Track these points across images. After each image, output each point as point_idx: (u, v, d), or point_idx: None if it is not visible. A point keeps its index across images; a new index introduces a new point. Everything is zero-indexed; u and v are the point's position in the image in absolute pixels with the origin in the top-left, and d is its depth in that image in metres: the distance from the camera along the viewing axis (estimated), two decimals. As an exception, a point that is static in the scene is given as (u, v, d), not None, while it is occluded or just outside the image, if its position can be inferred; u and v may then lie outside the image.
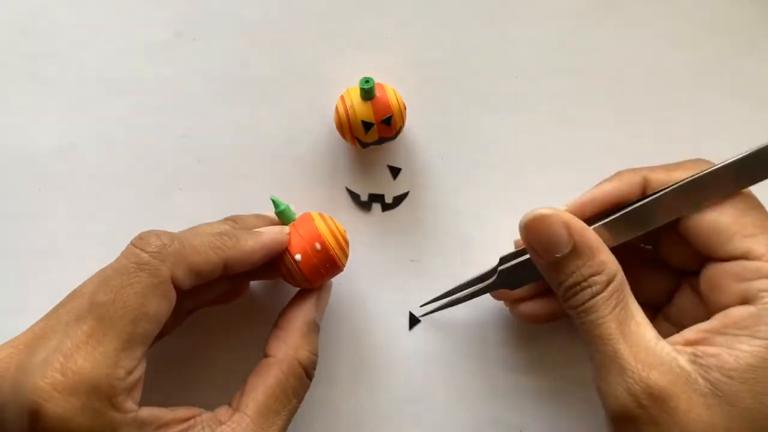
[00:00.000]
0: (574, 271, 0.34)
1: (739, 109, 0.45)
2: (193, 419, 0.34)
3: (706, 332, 0.32)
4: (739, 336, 0.31)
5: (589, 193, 0.38)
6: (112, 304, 0.32)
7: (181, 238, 0.35)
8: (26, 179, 0.44)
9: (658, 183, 0.37)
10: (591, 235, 0.35)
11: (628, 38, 0.45)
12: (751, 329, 0.31)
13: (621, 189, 0.37)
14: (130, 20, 0.45)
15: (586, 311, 0.34)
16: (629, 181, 0.37)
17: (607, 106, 0.45)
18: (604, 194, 0.37)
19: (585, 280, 0.34)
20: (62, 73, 0.45)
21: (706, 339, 0.32)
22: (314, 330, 0.39)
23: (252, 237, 0.37)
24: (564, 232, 0.34)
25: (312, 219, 0.39)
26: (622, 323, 0.33)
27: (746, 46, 0.45)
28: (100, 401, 0.31)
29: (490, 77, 0.45)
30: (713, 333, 0.32)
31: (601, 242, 0.35)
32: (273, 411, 0.35)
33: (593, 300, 0.34)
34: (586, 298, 0.34)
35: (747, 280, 0.32)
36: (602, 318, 0.33)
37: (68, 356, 0.31)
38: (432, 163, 0.45)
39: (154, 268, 0.33)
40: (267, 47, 0.45)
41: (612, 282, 0.34)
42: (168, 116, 0.45)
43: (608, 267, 0.34)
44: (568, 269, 0.34)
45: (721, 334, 0.32)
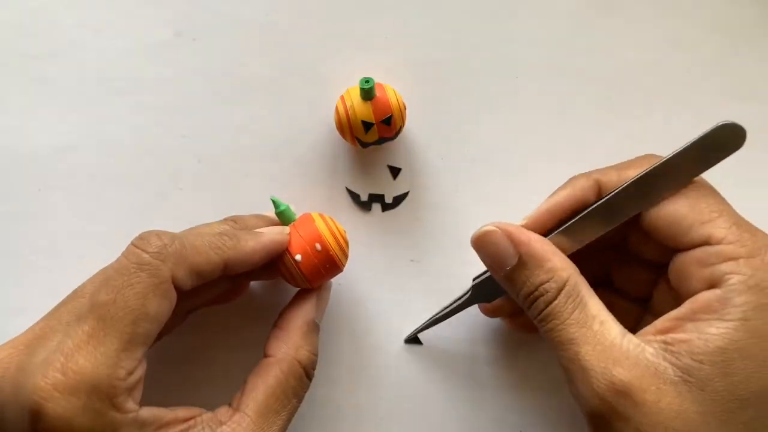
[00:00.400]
0: (525, 281, 0.35)
1: (739, 109, 0.45)
2: (194, 419, 0.34)
3: (676, 320, 0.33)
4: (708, 320, 0.31)
5: (545, 204, 0.38)
6: (113, 304, 0.32)
7: (182, 238, 0.35)
8: (26, 179, 0.44)
9: (611, 184, 0.37)
10: (536, 244, 0.35)
11: (627, 38, 0.45)
12: (719, 312, 0.31)
13: (575, 195, 0.37)
14: (130, 20, 0.45)
15: (545, 319, 0.34)
16: (582, 186, 0.37)
17: (606, 106, 0.45)
18: (559, 203, 0.37)
19: (536, 288, 0.35)
20: (62, 73, 0.45)
21: (677, 326, 0.32)
22: (314, 330, 0.39)
23: (252, 237, 0.37)
24: (508, 245, 0.35)
25: (312, 219, 0.39)
26: (583, 325, 0.33)
27: (746, 46, 0.45)
28: (100, 401, 0.31)
29: (490, 77, 0.45)
30: (683, 320, 0.32)
31: (550, 250, 0.35)
32: (273, 411, 0.35)
33: (549, 308, 0.34)
34: (542, 307, 0.34)
35: (711, 264, 0.33)
36: (561, 324, 0.33)
37: (69, 356, 0.31)
38: (432, 163, 0.45)
39: (154, 268, 0.33)
40: (267, 47, 0.45)
41: (564, 288, 0.34)
42: (168, 116, 0.45)
43: (557, 274, 0.34)
44: (519, 280, 0.35)
45: (690, 320, 0.32)
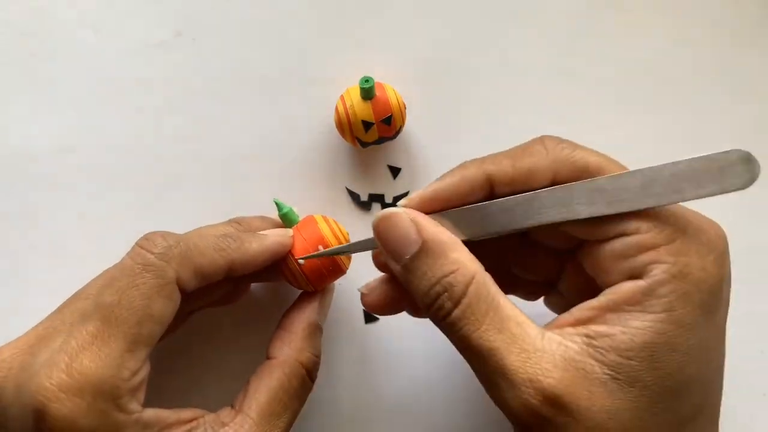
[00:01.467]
0: (426, 272, 0.31)
1: (739, 109, 0.45)
2: (196, 420, 0.34)
3: (596, 309, 0.30)
4: (631, 312, 0.29)
5: (431, 189, 0.34)
6: (118, 305, 0.32)
7: (187, 239, 0.35)
8: (26, 179, 0.44)
9: (505, 178, 0.33)
10: (442, 232, 0.32)
11: (628, 38, 0.45)
12: (642, 304, 0.29)
13: (462, 187, 0.33)
14: (130, 20, 0.45)
15: (455, 322, 0.31)
16: (472, 178, 0.33)
17: (607, 106, 0.45)
18: (447, 191, 0.33)
19: (438, 281, 0.31)
20: (62, 73, 0.45)
21: (597, 317, 0.30)
22: (317, 332, 0.39)
23: (256, 240, 0.37)
24: (412, 229, 0.32)
25: (315, 222, 0.39)
26: (501, 330, 0.30)
27: (746, 46, 0.45)
28: (105, 402, 0.31)
29: (490, 77, 0.45)
30: (604, 310, 0.30)
31: (456, 241, 0.32)
32: (275, 413, 0.35)
33: (458, 310, 0.31)
34: (449, 307, 0.31)
35: (630, 256, 0.30)
36: (476, 330, 0.30)
37: (73, 357, 0.31)
38: (432, 163, 0.45)
39: (159, 269, 0.33)
40: (267, 47, 0.45)
41: (471, 284, 0.31)
42: (168, 116, 0.45)
43: (464, 266, 0.31)
44: (420, 270, 0.32)
45: (612, 311, 0.30)
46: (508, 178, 0.33)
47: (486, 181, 0.33)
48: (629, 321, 0.29)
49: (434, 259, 0.31)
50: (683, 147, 0.45)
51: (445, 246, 0.32)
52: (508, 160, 0.33)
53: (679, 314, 0.29)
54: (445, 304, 0.31)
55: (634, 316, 0.29)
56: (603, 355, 0.29)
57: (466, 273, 0.31)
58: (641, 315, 0.29)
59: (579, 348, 0.30)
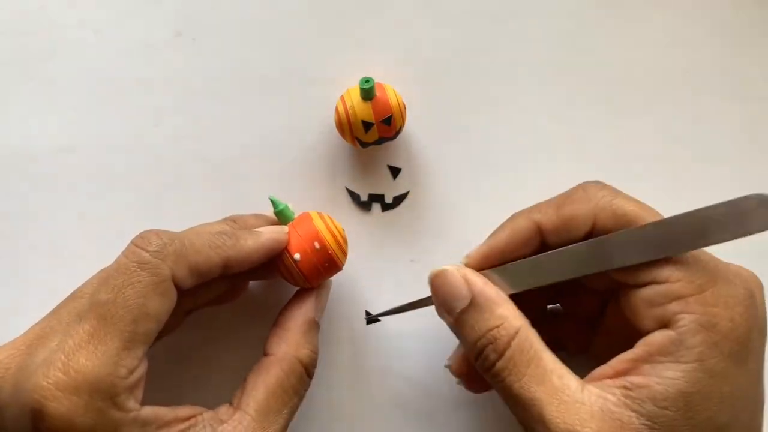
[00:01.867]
0: (473, 326, 0.34)
1: (739, 109, 0.45)
2: (195, 418, 0.34)
3: (632, 361, 0.32)
4: (665, 363, 0.31)
5: (486, 246, 0.37)
6: (113, 304, 0.32)
7: (182, 237, 0.35)
8: (26, 179, 0.44)
9: (550, 224, 0.35)
10: (490, 288, 0.34)
11: (628, 38, 0.45)
12: (674, 355, 0.30)
13: (514, 240, 0.36)
14: (130, 20, 0.45)
15: (498, 374, 0.33)
16: (521, 230, 0.36)
17: (607, 106, 0.45)
18: (498, 246, 0.36)
19: (484, 335, 0.33)
20: (62, 73, 0.45)
21: (634, 368, 0.31)
22: (314, 328, 0.39)
23: (251, 237, 0.37)
24: (463, 285, 0.34)
25: (310, 218, 0.39)
26: (542, 382, 0.32)
27: (746, 46, 0.45)
28: (102, 400, 0.31)
29: (490, 77, 0.45)
30: (640, 362, 0.31)
31: (503, 297, 0.34)
32: (274, 410, 0.35)
33: (502, 361, 0.32)
34: (493, 358, 0.33)
35: (660, 304, 0.32)
36: (518, 381, 0.32)
37: (70, 355, 0.31)
38: (432, 163, 0.45)
39: (155, 267, 0.33)
40: (267, 47, 0.45)
41: (515, 338, 0.33)
42: (168, 116, 0.45)
43: (508, 321, 0.33)
44: (468, 323, 0.34)
45: (647, 362, 0.31)
46: (554, 227, 0.35)
47: (535, 231, 0.36)
48: (663, 371, 0.30)
49: (481, 314, 0.34)
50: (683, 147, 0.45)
51: (492, 302, 0.34)
52: (552, 209, 0.35)
53: (709, 364, 0.30)
54: (490, 355, 0.33)
55: (667, 367, 0.30)
56: (640, 406, 0.30)
57: (510, 327, 0.33)
58: (674, 365, 0.30)
59: (617, 399, 0.31)
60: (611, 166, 0.45)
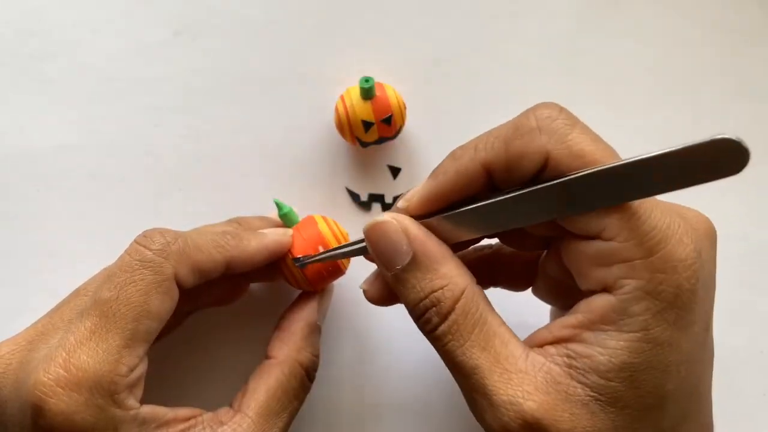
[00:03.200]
0: (415, 286, 0.31)
1: (739, 109, 0.45)
2: (194, 419, 0.34)
3: (574, 327, 0.30)
4: (607, 331, 0.29)
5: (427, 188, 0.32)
6: (116, 301, 0.32)
7: (185, 236, 0.35)
8: (26, 179, 0.44)
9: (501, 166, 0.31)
10: (433, 243, 0.31)
11: (628, 38, 0.45)
12: (617, 324, 0.29)
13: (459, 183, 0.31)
14: (130, 20, 0.45)
15: (440, 338, 0.31)
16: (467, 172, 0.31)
17: (607, 106, 0.45)
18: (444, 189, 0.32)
19: (426, 296, 0.31)
20: (62, 73, 0.45)
21: (575, 335, 0.30)
22: (316, 332, 0.39)
23: (255, 238, 0.37)
24: (403, 240, 0.31)
25: (315, 222, 0.39)
26: (485, 347, 0.30)
27: (747, 46, 0.45)
28: (102, 397, 0.31)
29: (490, 77, 0.45)
30: (582, 329, 0.30)
31: (447, 253, 0.31)
32: (274, 412, 0.35)
33: (445, 325, 0.30)
34: (436, 322, 0.31)
35: (604, 265, 0.29)
36: (461, 346, 0.30)
37: (71, 352, 0.31)
38: (432, 163, 0.44)
39: (157, 265, 0.33)
40: (267, 47, 0.45)
41: (460, 299, 0.30)
42: (168, 116, 0.45)
43: (453, 281, 0.31)
44: (409, 283, 0.31)
45: (589, 329, 0.29)
46: (502, 165, 0.31)
47: (482, 171, 0.31)
48: (606, 341, 0.29)
49: (423, 273, 0.31)
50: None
51: (436, 259, 0.31)
52: (500, 144, 0.31)
53: (654, 333, 0.28)
54: (432, 318, 0.31)
55: (610, 336, 0.29)
56: (584, 377, 0.29)
57: (454, 288, 0.31)
58: (617, 335, 0.29)
59: (560, 370, 0.29)
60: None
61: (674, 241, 0.29)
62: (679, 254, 0.28)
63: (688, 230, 0.29)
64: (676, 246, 0.29)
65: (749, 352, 0.44)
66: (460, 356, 0.30)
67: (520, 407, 0.29)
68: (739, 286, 0.44)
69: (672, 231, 0.29)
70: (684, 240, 0.29)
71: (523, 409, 0.29)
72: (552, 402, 0.29)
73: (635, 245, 0.28)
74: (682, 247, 0.29)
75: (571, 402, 0.29)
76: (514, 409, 0.29)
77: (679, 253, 0.28)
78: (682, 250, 0.29)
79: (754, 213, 0.45)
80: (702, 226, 0.31)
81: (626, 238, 0.29)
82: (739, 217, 0.45)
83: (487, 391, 0.29)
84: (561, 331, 0.30)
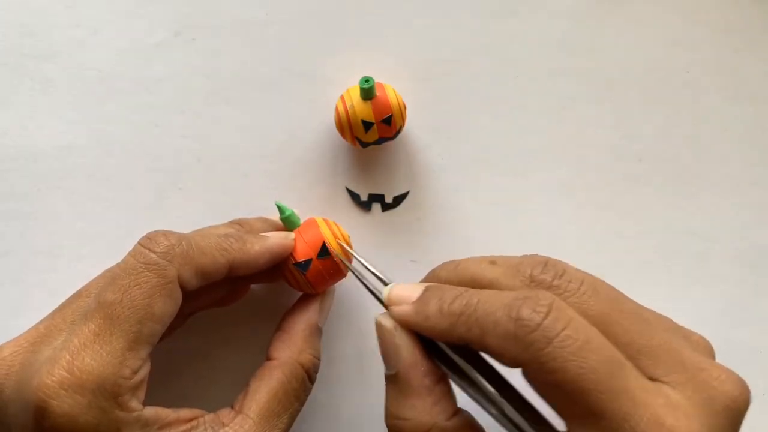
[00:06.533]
0: (389, 398, 0.31)
1: (739, 109, 0.45)
2: (196, 420, 0.34)
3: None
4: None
5: (412, 319, 0.31)
6: (119, 304, 0.32)
7: (189, 239, 0.35)
8: (26, 179, 0.44)
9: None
10: (416, 374, 0.31)
11: (628, 38, 0.45)
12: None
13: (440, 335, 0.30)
14: (130, 20, 0.45)
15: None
16: (438, 330, 0.30)
17: (607, 106, 0.45)
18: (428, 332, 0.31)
19: (394, 417, 0.31)
20: (62, 73, 0.45)
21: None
22: (317, 334, 0.39)
23: (258, 241, 0.37)
24: (393, 354, 0.31)
25: (317, 225, 0.39)
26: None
27: (746, 46, 0.45)
28: (106, 400, 0.31)
29: (490, 77, 0.45)
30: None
31: (427, 384, 0.30)
32: (275, 413, 0.35)
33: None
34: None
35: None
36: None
37: (75, 354, 0.31)
38: (432, 163, 0.45)
39: (162, 268, 0.33)
40: (267, 47, 0.45)
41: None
42: (168, 116, 0.45)
43: (417, 419, 0.30)
44: (389, 392, 0.31)
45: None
46: (476, 345, 0.29)
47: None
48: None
49: (398, 393, 0.31)
50: (683, 147, 0.45)
51: (412, 389, 0.30)
52: (478, 331, 0.28)
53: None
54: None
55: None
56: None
57: (417, 426, 0.30)
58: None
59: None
60: (611, 166, 0.45)
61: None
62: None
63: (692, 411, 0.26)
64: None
65: (749, 352, 0.44)
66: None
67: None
68: (739, 286, 0.45)
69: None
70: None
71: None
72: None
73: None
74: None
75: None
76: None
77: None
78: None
79: (754, 213, 0.45)
80: (724, 394, 0.28)
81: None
82: (739, 217, 0.45)
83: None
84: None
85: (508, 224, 0.44)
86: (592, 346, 0.26)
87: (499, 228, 0.44)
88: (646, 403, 0.26)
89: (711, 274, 0.45)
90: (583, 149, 0.45)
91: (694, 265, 0.45)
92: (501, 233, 0.44)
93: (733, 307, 0.44)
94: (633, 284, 0.45)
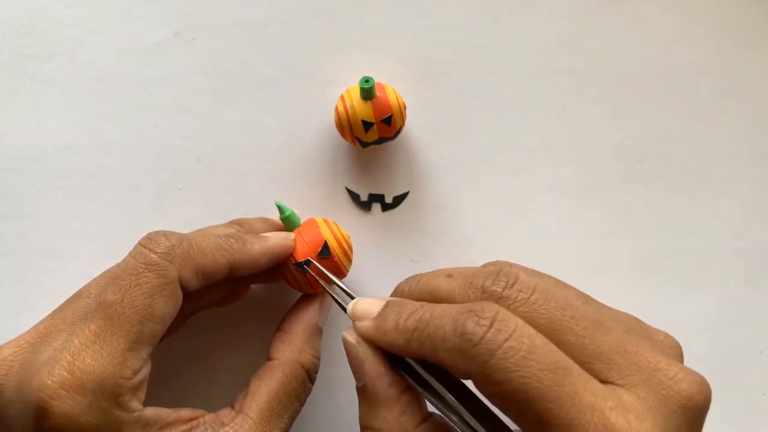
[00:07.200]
0: (361, 410, 0.32)
1: (739, 109, 0.45)
2: (196, 420, 0.34)
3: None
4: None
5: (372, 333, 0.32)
6: (120, 304, 0.32)
7: (189, 239, 0.35)
8: (26, 179, 0.44)
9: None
10: (382, 385, 0.31)
11: (628, 38, 0.45)
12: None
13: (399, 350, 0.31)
14: (130, 20, 0.45)
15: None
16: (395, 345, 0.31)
17: (607, 106, 0.45)
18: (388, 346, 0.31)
19: (365, 427, 0.31)
20: (62, 73, 0.45)
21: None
22: (317, 334, 0.39)
23: (258, 241, 0.37)
24: (359, 367, 0.32)
25: (317, 225, 0.39)
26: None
27: (746, 46, 0.45)
28: (106, 400, 0.31)
29: (490, 77, 0.45)
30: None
31: (394, 395, 0.31)
32: (275, 413, 0.35)
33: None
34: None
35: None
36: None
37: (76, 355, 0.31)
38: (432, 163, 0.45)
39: (162, 268, 0.33)
40: (267, 47, 0.45)
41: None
42: (168, 116, 0.45)
43: (388, 427, 0.30)
44: (360, 404, 0.32)
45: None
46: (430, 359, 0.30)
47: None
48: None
49: (367, 405, 0.31)
50: (683, 147, 0.45)
51: (380, 400, 0.31)
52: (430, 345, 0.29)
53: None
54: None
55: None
56: None
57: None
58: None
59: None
60: (611, 166, 0.45)
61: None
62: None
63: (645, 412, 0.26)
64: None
65: (749, 352, 0.44)
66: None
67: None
68: (739, 286, 0.45)
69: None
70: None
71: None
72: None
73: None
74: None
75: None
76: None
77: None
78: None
79: (754, 213, 0.45)
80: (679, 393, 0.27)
81: None
82: (739, 217, 0.45)
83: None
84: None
85: (508, 224, 0.44)
86: (536, 355, 0.26)
87: (499, 228, 0.44)
88: (594, 407, 0.26)
89: (711, 274, 0.45)
90: (583, 149, 0.45)
91: (694, 265, 0.45)
92: (501, 233, 0.44)
93: (733, 307, 0.44)
94: (633, 284, 0.45)
